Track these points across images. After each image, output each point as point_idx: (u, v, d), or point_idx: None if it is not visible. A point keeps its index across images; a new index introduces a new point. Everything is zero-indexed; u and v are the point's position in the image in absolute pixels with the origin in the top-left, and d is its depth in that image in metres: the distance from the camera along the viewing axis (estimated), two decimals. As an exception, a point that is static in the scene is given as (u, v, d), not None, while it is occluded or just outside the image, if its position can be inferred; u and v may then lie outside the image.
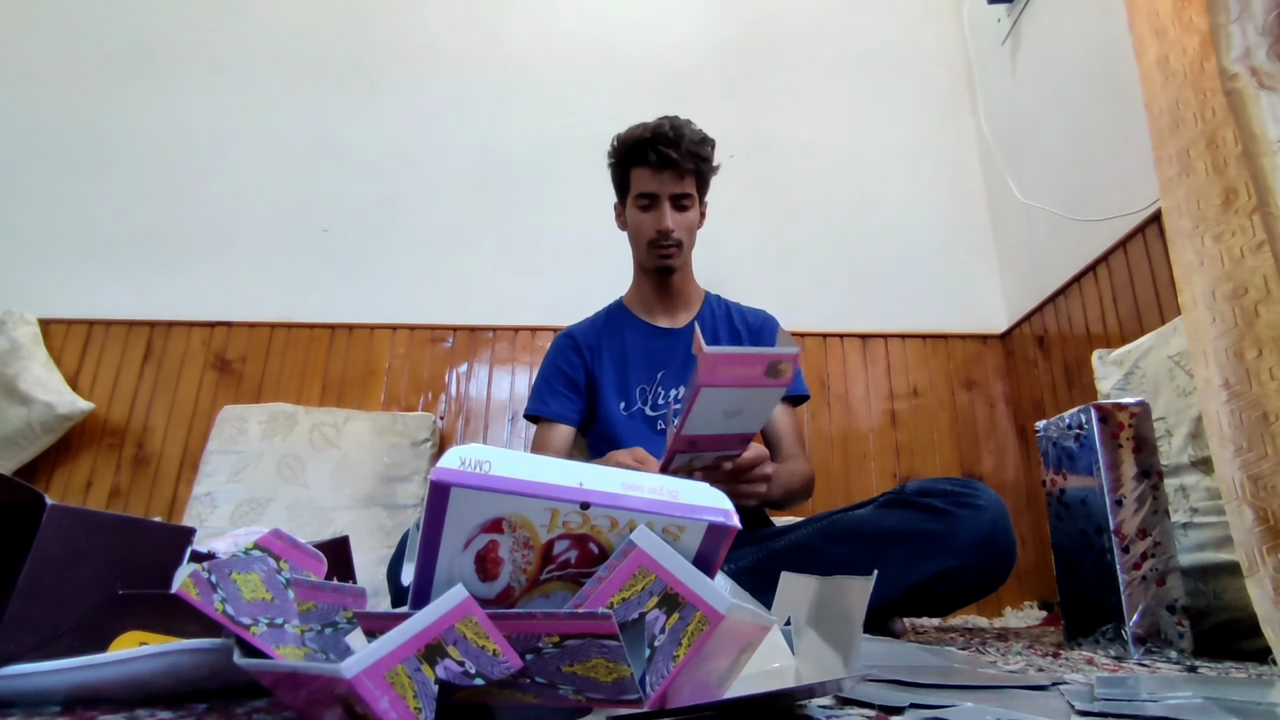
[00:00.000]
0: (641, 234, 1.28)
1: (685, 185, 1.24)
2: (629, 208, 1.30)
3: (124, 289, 2.02)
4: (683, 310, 1.37)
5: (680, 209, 1.26)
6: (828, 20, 2.31)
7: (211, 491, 1.67)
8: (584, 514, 0.34)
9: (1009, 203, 1.97)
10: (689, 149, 1.21)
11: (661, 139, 1.21)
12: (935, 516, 0.93)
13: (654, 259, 1.29)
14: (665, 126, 1.21)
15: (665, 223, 1.24)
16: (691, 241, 1.32)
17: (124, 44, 2.23)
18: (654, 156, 1.21)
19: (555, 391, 1.31)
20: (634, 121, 1.31)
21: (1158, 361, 1.15)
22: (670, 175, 1.23)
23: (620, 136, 1.28)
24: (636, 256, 1.35)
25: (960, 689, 0.48)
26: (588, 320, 1.41)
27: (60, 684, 0.41)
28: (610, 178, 1.33)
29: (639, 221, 1.28)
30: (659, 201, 1.25)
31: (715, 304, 1.40)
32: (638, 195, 1.26)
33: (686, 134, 1.22)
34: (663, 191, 1.24)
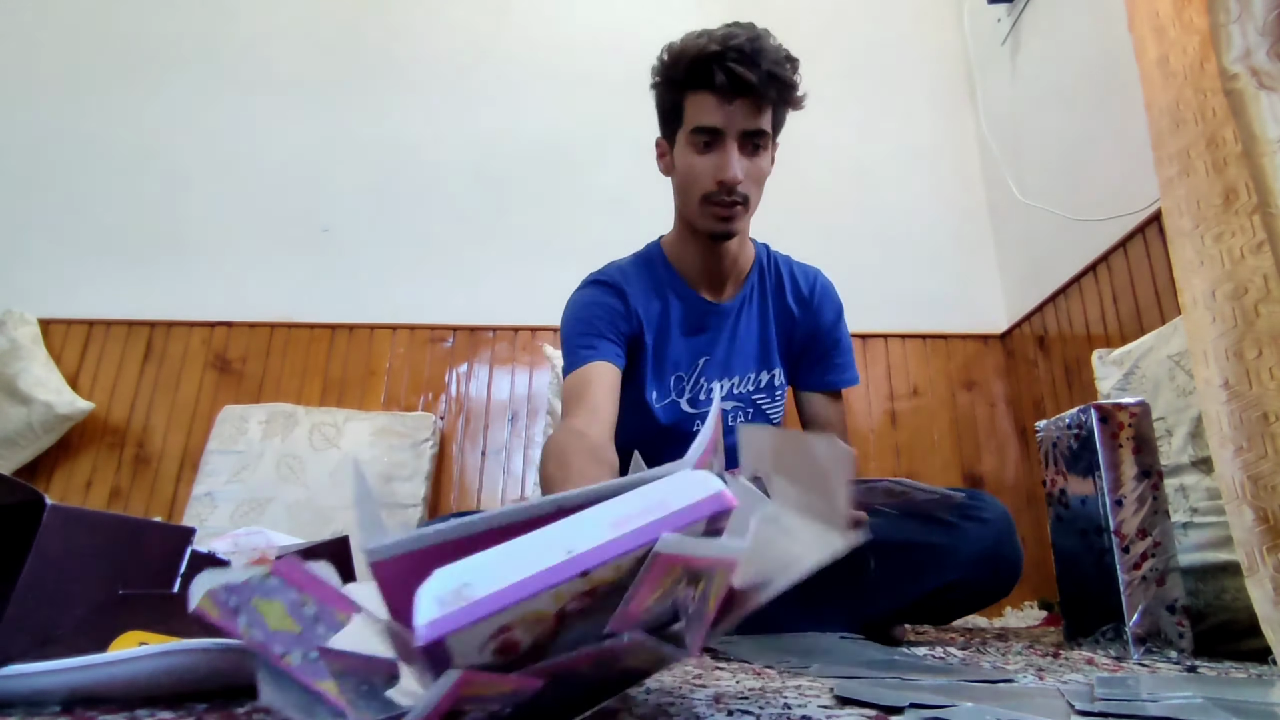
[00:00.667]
0: (696, 183, 0.97)
1: (761, 119, 0.94)
2: (680, 145, 0.98)
3: (124, 289, 2.02)
4: (731, 282, 1.08)
5: (752, 151, 0.96)
6: (828, 20, 2.31)
7: (211, 491, 1.67)
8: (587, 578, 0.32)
9: (1009, 203, 1.97)
10: (770, 69, 0.91)
11: (736, 54, 0.90)
12: (941, 529, 0.92)
13: (709, 219, 0.98)
14: (740, 37, 0.91)
15: (731, 171, 0.93)
16: (759, 196, 1.00)
17: (124, 45, 2.23)
18: (724, 78, 0.91)
19: (603, 333, 1.00)
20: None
21: (1158, 361, 1.15)
22: (743, 105, 0.92)
23: (675, 48, 0.97)
24: (684, 210, 1.03)
25: (960, 689, 0.48)
26: (627, 269, 1.08)
27: (60, 684, 0.41)
28: (655, 103, 1.02)
29: (693, 166, 0.96)
30: (724, 140, 0.94)
31: (766, 266, 1.11)
32: (695, 130, 0.95)
33: (767, 49, 0.92)
34: (731, 127, 0.93)
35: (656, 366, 1.05)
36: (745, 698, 0.48)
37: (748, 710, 0.43)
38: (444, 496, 1.89)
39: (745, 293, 1.09)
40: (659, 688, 0.52)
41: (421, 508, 1.74)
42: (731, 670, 0.63)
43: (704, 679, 0.57)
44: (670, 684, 0.54)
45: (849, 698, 0.45)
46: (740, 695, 0.49)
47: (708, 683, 0.55)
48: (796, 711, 0.43)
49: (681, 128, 0.98)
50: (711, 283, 1.07)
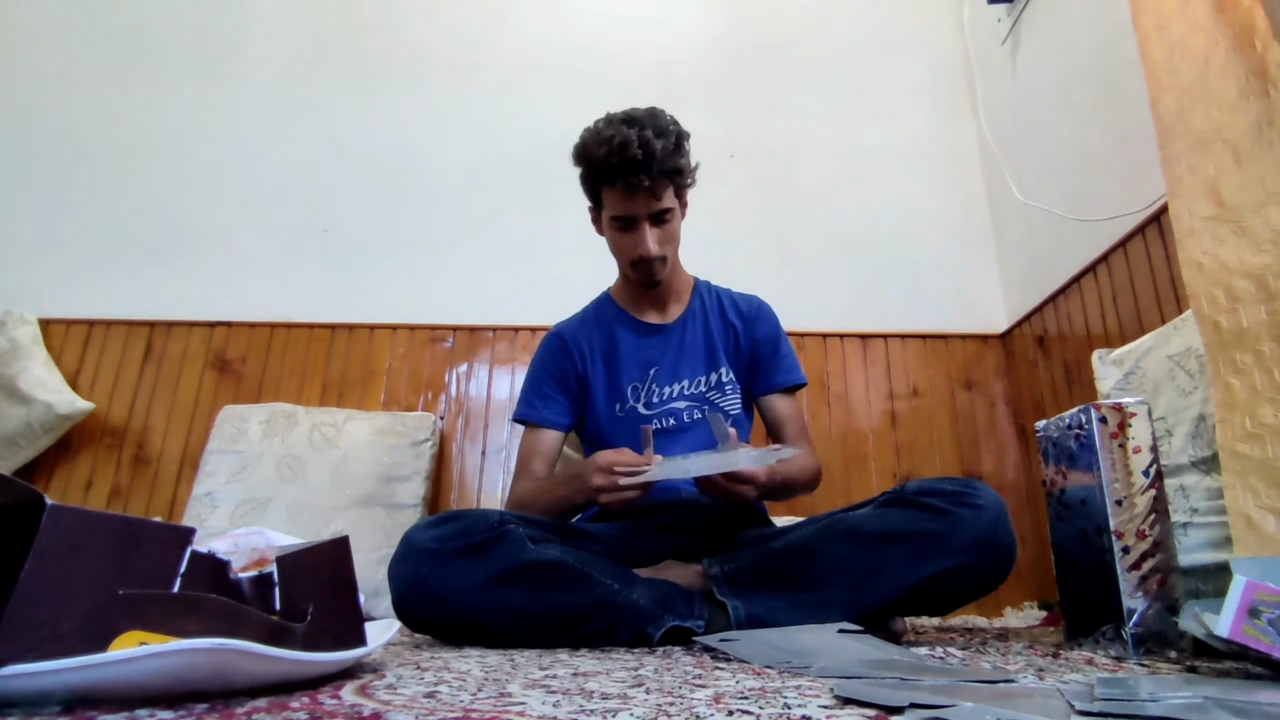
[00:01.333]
0: (623, 254, 1.21)
1: (663, 201, 1.13)
2: (605, 223, 1.20)
3: (124, 289, 2.02)
4: (673, 304, 1.30)
5: (660, 224, 1.16)
6: (828, 20, 2.31)
7: (211, 491, 1.67)
8: None
9: (1009, 203, 1.97)
10: (661, 167, 1.08)
11: (629, 165, 1.07)
12: (935, 516, 0.93)
13: (639, 278, 1.22)
14: (632, 145, 1.06)
15: (645, 246, 1.15)
16: (676, 246, 1.23)
17: (124, 44, 2.23)
18: (623, 184, 1.09)
19: (544, 395, 1.26)
20: None
21: (1158, 361, 1.15)
22: (645, 197, 1.11)
23: (583, 146, 1.13)
24: (620, 268, 1.28)
25: (960, 689, 0.48)
26: (575, 318, 1.35)
27: (60, 684, 0.41)
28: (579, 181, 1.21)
29: (616, 242, 1.20)
30: (636, 224, 1.15)
31: (705, 293, 1.33)
32: (613, 218, 1.16)
33: (657, 149, 1.07)
34: (639, 215, 1.13)
35: (612, 383, 1.26)
36: (745, 698, 0.48)
37: (748, 710, 0.43)
38: (444, 496, 1.89)
39: (689, 311, 1.30)
40: (659, 688, 0.52)
41: (422, 508, 1.74)
42: (731, 670, 0.63)
43: (704, 679, 0.57)
44: (670, 684, 0.54)
45: (849, 698, 0.45)
46: (740, 695, 0.49)
47: (708, 683, 0.55)
48: (796, 711, 0.43)
49: (604, 211, 1.19)
50: (656, 308, 1.30)
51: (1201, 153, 0.94)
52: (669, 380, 1.24)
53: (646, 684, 0.54)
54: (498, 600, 0.91)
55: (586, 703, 0.46)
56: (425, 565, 0.92)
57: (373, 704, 0.45)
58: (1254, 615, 0.51)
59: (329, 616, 0.60)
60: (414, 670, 0.63)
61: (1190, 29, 0.98)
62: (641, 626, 0.90)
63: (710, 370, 1.26)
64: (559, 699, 0.47)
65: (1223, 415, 0.89)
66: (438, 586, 0.91)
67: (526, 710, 0.43)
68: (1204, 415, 1.02)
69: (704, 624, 0.93)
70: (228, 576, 0.59)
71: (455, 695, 0.49)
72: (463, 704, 0.45)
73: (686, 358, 1.26)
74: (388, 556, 1.14)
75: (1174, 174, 0.98)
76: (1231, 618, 0.51)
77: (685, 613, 0.92)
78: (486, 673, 0.62)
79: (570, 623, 0.91)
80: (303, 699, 0.46)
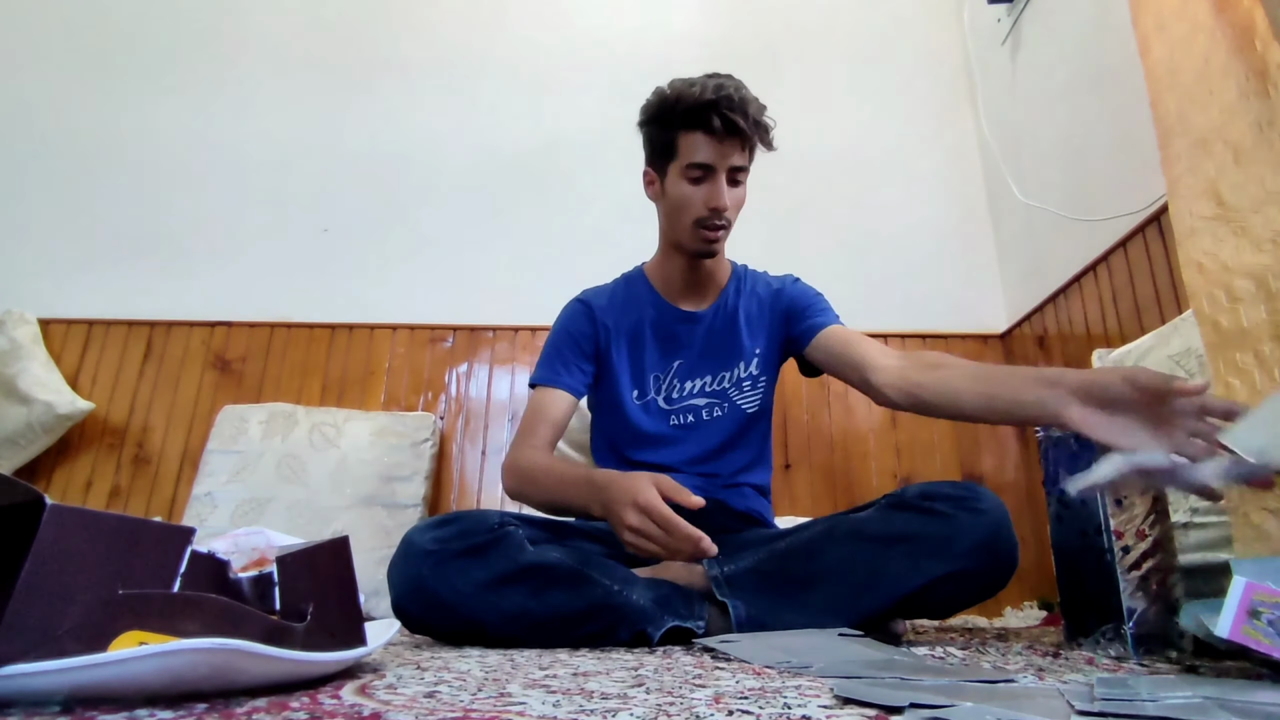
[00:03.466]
0: (688, 210, 1.12)
1: (743, 157, 1.10)
2: (671, 177, 1.12)
3: (124, 289, 2.02)
4: (710, 292, 1.25)
5: (734, 184, 1.11)
6: (827, 21, 2.31)
7: (211, 491, 1.67)
8: None
9: (1009, 203, 1.97)
10: (755, 117, 1.07)
11: (727, 102, 1.04)
12: (937, 520, 0.93)
13: (698, 241, 1.14)
14: (729, 88, 1.05)
15: (722, 198, 1.09)
16: (736, 220, 1.17)
17: (124, 45, 2.23)
18: (718, 122, 1.05)
19: (567, 361, 1.19)
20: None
21: (1158, 361, 1.15)
22: (732, 145, 1.07)
23: (669, 93, 1.09)
24: (672, 232, 1.18)
25: (960, 689, 0.48)
26: (605, 289, 1.28)
27: (60, 684, 0.41)
28: (644, 138, 1.16)
29: (685, 196, 1.11)
30: (715, 174, 1.09)
31: (743, 280, 1.27)
32: (690, 165, 1.09)
33: (750, 99, 1.07)
34: (722, 164, 1.08)
35: (635, 369, 1.21)
36: (745, 698, 0.48)
37: (748, 710, 0.43)
38: (444, 496, 1.89)
39: (720, 301, 1.24)
40: (659, 688, 0.52)
41: (422, 508, 1.74)
42: (731, 670, 0.63)
43: (704, 679, 0.57)
44: (670, 684, 0.54)
45: (849, 697, 0.45)
46: (740, 695, 0.49)
47: (708, 683, 0.55)
48: (796, 711, 0.43)
49: (675, 161, 1.12)
50: (690, 294, 1.24)
51: (1201, 153, 0.94)
52: (691, 375, 1.21)
53: (646, 684, 0.54)
54: (497, 601, 0.91)
55: (586, 703, 0.46)
56: (425, 566, 0.92)
57: (373, 704, 0.45)
58: (1254, 616, 0.51)
59: (329, 616, 0.60)
60: (414, 670, 0.63)
61: (1190, 29, 0.98)
62: (641, 627, 0.90)
63: (733, 365, 1.22)
64: (559, 699, 0.47)
65: (1223, 415, 0.89)
66: (437, 588, 0.91)
67: (526, 710, 0.43)
68: (1204, 415, 1.02)
69: (704, 624, 0.93)
70: (228, 576, 0.59)
71: (455, 695, 0.49)
72: (463, 704, 0.45)
73: (711, 351, 1.22)
74: (388, 556, 1.14)
75: (1174, 174, 0.98)
76: (1231, 619, 0.51)
77: (685, 613, 0.92)
78: (486, 673, 0.62)
79: (570, 623, 0.91)
80: (303, 699, 0.46)
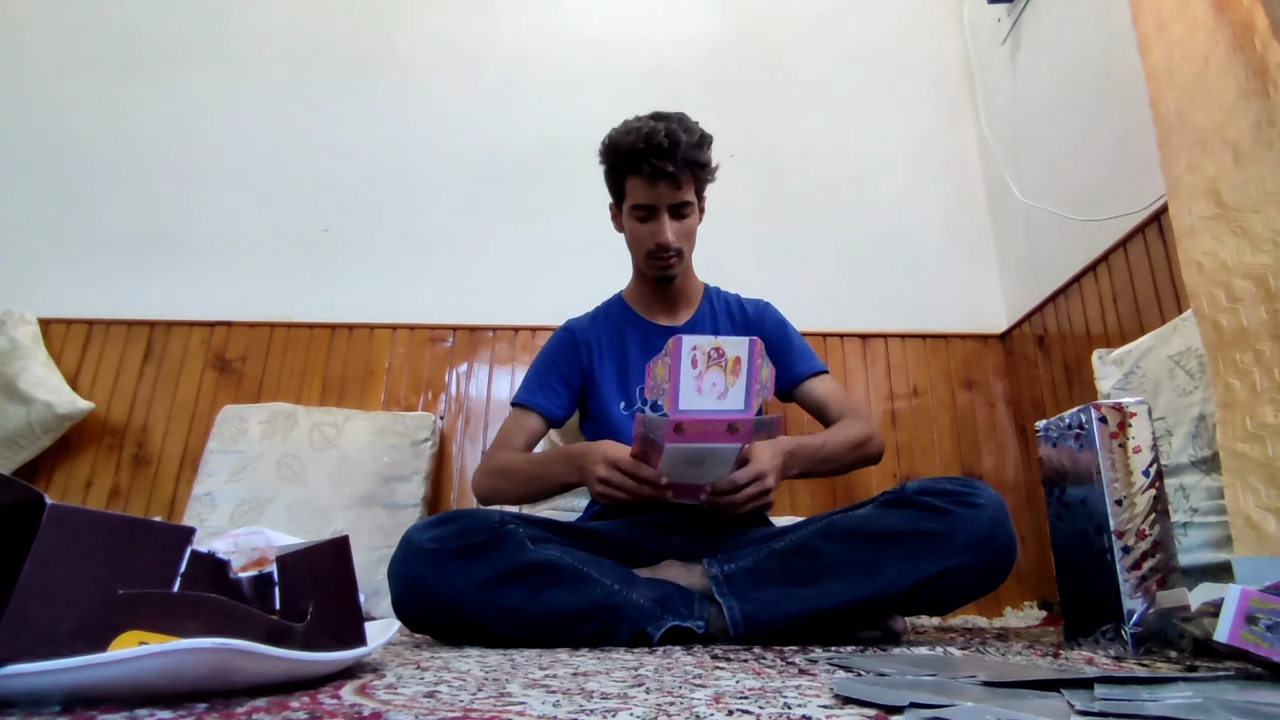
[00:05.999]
0: (640, 244, 1.24)
1: (683, 193, 1.18)
2: (625, 215, 1.25)
3: (124, 289, 2.02)
4: (684, 308, 1.34)
5: (679, 218, 1.21)
6: (828, 20, 2.31)
7: (211, 491, 1.67)
8: None
9: (1009, 203, 1.97)
10: (685, 156, 1.14)
11: (655, 150, 1.13)
12: (935, 515, 0.93)
13: (654, 269, 1.25)
14: (659, 134, 1.13)
15: (664, 235, 1.20)
16: (692, 245, 1.28)
17: (123, 44, 2.23)
18: (648, 169, 1.14)
19: (545, 384, 1.28)
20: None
21: (1158, 361, 1.15)
22: (667, 186, 1.16)
23: (612, 139, 1.20)
24: (635, 261, 1.31)
25: (960, 688, 0.48)
26: (587, 315, 1.38)
27: (60, 684, 0.41)
28: (604, 179, 1.27)
29: (636, 231, 1.23)
30: (656, 213, 1.20)
31: (715, 298, 1.37)
32: (634, 206, 1.21)
33: (683, 140, 1.14)
34: (660, 203, 1.18)
35: (620, 381, 1.28)
36: (745, 698, 0.48)
37: (748, 710, 0.43)
38: (444, 496, 1.89)
39: (698, 315, 1.34)
40: (659, 688, 0.52)
41: (421, 507, 1.74)
42: (731, 670, 0.63)
43: (704, 679, 0.57)
44: (670, 684, 0.54)
45: (849, 697, 0.45)
46: (740, 695, 0.49)
47: (708, 683, 0.55)
48: (796, 711, 0.43)
49: (625, 202, 1.23)
50: (666, 310, 1.34)
51: (1201, 153, 0.94)
52: None
53: (646, 684, 0.55)
54: (497, 601, 0.91)
55: (586, 703, 0.46)
56: (424, 566, 0.92)
57: (373, 704, 0.45)
58: (1251, 621, 0.52)
59: (329, 616, 0.60)
60: (414, 670, 0.63)
61: (1190, 29, 0.98)
62: (641, 626, 0.90)
63: None
64: (559, 699, 0.47)
65: (1223, 415, 0.90)
66: (437, 587, 0.91)
67: (526, 710, 0.43)
68: (1204, 415, 1.02)
69: (704, 624, 0.93)
70: (228, 576, 0.59)
71: (455, 695, 0.49)
72: (463, 704, 0.45)
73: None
74: (388, 556, 1.15)
75: (1174, 174, 0.98)
76: (1230, 624, 0.52)
77: (685, 613, 0.93)
78: (486, 673, 0.62)
79: (570, 623, 0.91)
80: (303, 699, 0.46)
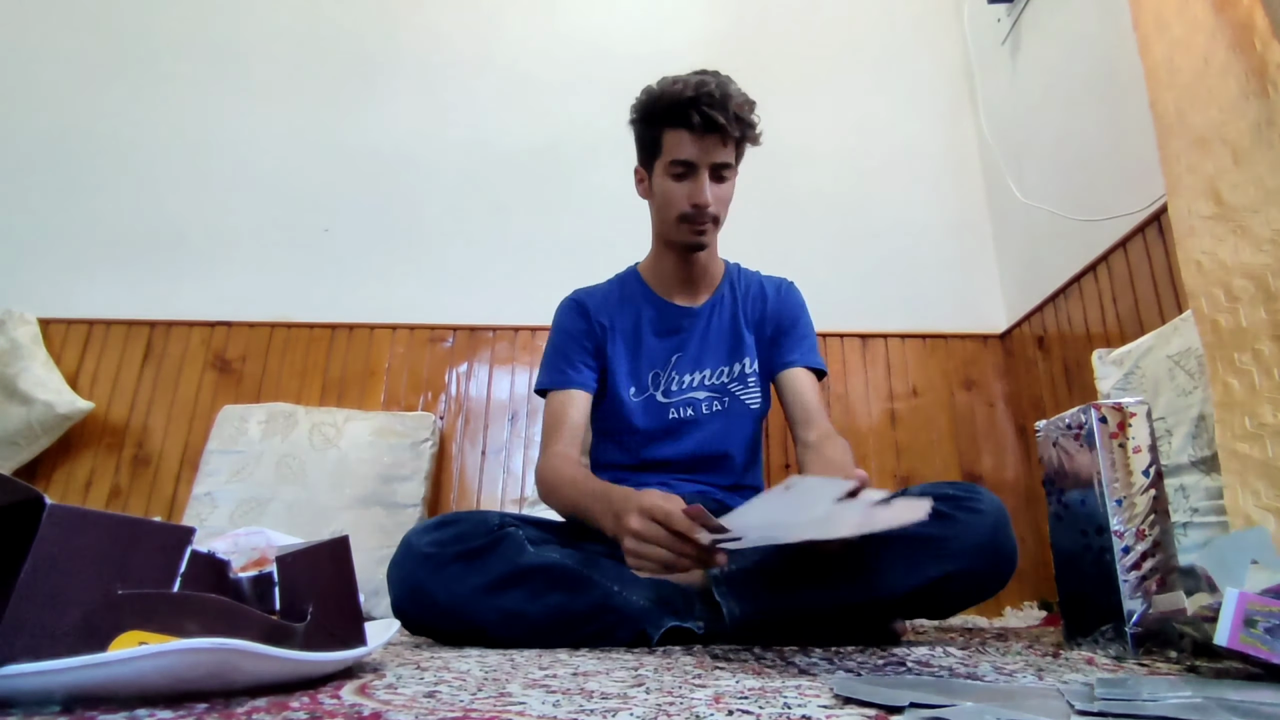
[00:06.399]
0: (672, 206, 1.13)
1: (727, 153, 1.10)
2: (658, 174, 1.14)
3: (124, 289, 2.02)
4: (704, 288, 1.25)
5: (719, 180, 1.12)
6: (827, 21, 2.31)
7: (211, 491, 1.67)
8: None
9: (1009, 203, 1.97)
10: (736, 113, 1.06)
11: (707, 99, 1.05)
12: (936, 520, 0.93)
13: (685, 234, 1.15)
14: (710, 85, 1.05)
15: (704, 195, 1.10)
16: (726, 214, 1.18)
17: (124, 44, 2.23)
18: (698, 119, 1.05)
19: (572, 360, 1.18)
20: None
21: (1158, 361, 1.15)
22: (714, 141, 1.08)
23: (653, 91, 1.11)
24: (661, 229, 1.20)
25: (960, 688, 0.48)
26: (599, 287, 1.28)
27: (60, 684, 0.41)
28: (634, 136, 1.17)
29: (670, 192, 1.13)
30: (697, 171, 1.10)
31: (736, 278, 1.28)
32: (672, 162, 1.10)
33: (734, 94, 1.07)
34: (703, 160, 1.09)
35: (633, 365, 1.20)
36: (745, 697, 0.48)
37: (748, 710, 0.43)
38: (444, 496, 1.89)
39: (717, 297, 1.25)
40: (659, 688, 0.52)
41: (421, 508, 1.74)
42: (731, 670, 0.63)
43: (704, 679, 0.57)
44: (670, 684, 0.54)
45: (849, 697, 0.45)
46: (740, 695, 0.49)
47: (707, 683, 0.55)
48: (796, 711, 0.43)
49: (660, 158, 1.13)
50: (685, 290, 1.25)
51: (1201, 152, 0.94)
52: (691, 368, 1.21)
53: (646, 684, 0.54)
54: (496, 604, 0.91)
55: (586, 703, 0.46)
56: (422, 570, 0.92)
57: (373, 704, 0.45)
58: (1250, 625, 0.52)
59: (329, 616, 0.60)
60: (414, 670, 0.63)
61: (1190, 29, 0.98)
62: (641, 627, 0.90)
63: (734, 360, 1.22)
64: (559, 699, 0.47)
65: (1222, 415, 0.90)
66: (435, 592, 0.91)
67: (526, 710, 0.43)
68: (1204, 415, 1.02)
69: (704, 624, 0.93)
70: (228, 576, 0.59)
71: (455, 695, 0.49)
72: (463, 704, 0.45)
73: (710, 346, 1.22)
74: (388, 556, 1.14)
75: (1174, 174, 0.98)
76: (1229, 628, 0.53)
77: (685, 613, 0.92)
78: (486, 673, 0.62)
79: (570, 624, 0.90)
80: (303, 699, 0.46)
